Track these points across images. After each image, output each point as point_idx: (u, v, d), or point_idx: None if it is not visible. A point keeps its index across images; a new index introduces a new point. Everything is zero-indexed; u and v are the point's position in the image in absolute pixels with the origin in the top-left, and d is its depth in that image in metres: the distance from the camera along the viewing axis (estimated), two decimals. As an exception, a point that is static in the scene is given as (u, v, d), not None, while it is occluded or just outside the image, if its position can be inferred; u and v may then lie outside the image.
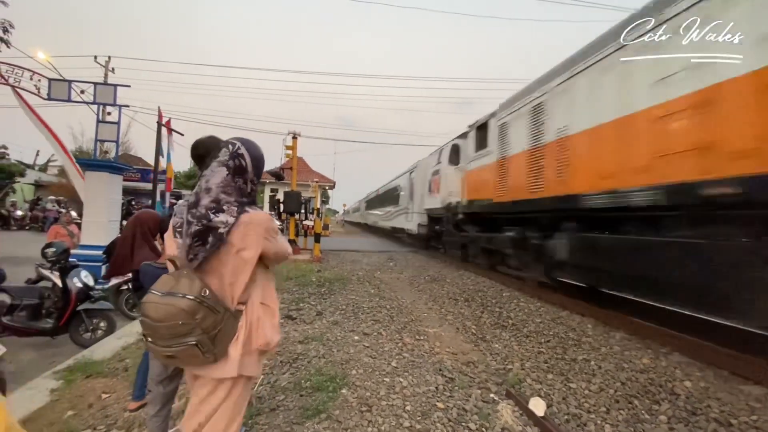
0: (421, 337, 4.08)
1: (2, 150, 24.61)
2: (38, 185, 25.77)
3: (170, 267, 1.38)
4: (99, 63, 20.85)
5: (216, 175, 1.31)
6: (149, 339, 1.24)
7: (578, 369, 3.33)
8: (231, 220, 1.27)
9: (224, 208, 1.28)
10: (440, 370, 3.21)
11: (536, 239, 5.60)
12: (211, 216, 1.25)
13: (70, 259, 4.84)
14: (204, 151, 1.67)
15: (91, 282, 4.72)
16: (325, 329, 4.04)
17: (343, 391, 2.63)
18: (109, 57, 21.26)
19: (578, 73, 4.85)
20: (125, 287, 5.23)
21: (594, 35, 4.49)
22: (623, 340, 3.86)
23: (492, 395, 2.90)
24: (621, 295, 5.59)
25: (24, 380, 3.31)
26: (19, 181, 22.88)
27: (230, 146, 1.36)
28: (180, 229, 1.33)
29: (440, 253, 11.37)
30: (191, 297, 1.19)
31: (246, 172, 1.37)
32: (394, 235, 17.53)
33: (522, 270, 6.53)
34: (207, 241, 1.25)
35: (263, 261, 1.41)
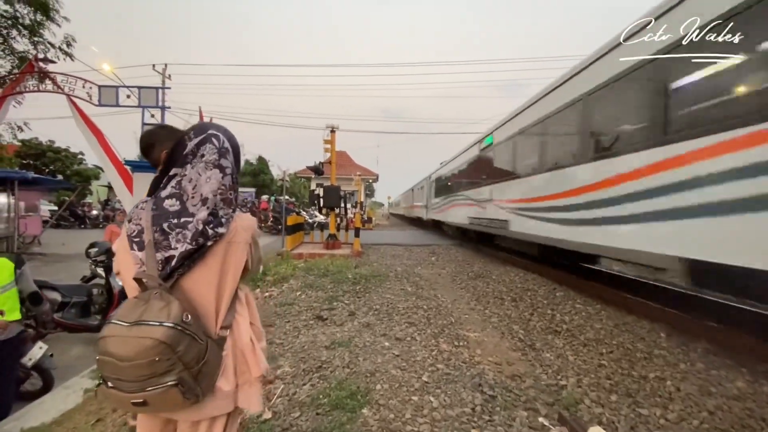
0: (461, 344, 3.69)
1: (80, 156, 27.30)
2: (111, 187, 28.36)
3: (132, 289, 1.07)
4: (157, 71, 22.29)
5: (211, 180, 1.08)
6: (110, 383, 0.96)
7: (650, 390, 2.77)
8: (224, 231, 1.07)
9: (223, 220, 1.07)
10: (479, 385, 2.82)
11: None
12: (210, 232, 1.04)
13: (116, 258, 5.03)
14: (154, 143, 1.39)
15: (133, 280, 4.85)
16: (354, 333, 3.78)
17: (364, 410, 2.34)
18: (166, 65, 22.66)
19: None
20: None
21: None
22: (707, 354, 3.20)
23: (541, 419, 2.46)
24: (700, 295, 4.79)
25: (72, 374, 3.44)
26: (91, 184, 25.29)
27: (215, 140, 1.10)
28: (137, 239, 1.07)
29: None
30: (170, 324, 0.93)
31: (233, 171, 1.15)
32: (438, 228, 18.95)
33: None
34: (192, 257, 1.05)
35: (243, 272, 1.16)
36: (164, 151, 1.37)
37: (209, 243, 1.04)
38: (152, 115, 7.23)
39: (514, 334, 4.07)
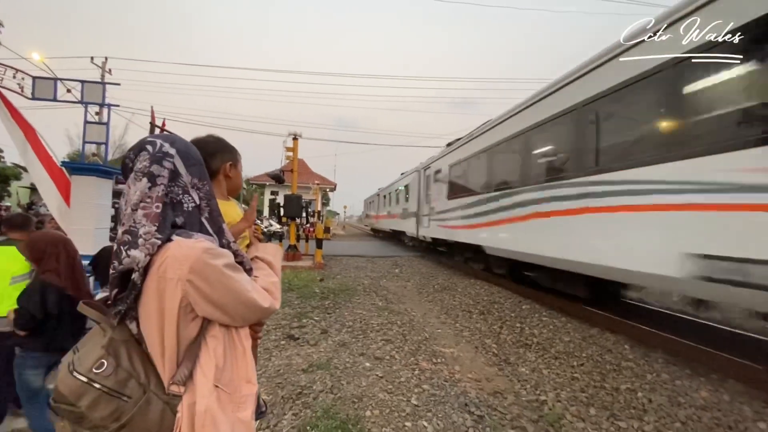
0: (439, 360, 3.65)
1: (-2, 153, 24.18)
2: (34, 189, 25.36)
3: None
4: (95, 64, 20.51)
5: (136, 192, 0.88)
6: None
7: (624, 402, 2.89)
8: (143, 258, 0.83)
9: (140, 241, 0.84)
10: (466, 404, 2.78)
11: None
12: (123, 254, 0.83)
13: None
14: (214, 153, 1.27)
15: (72, 298, 4.28)
16: (331, 352, 3.60)
17: (358, 442, 2.20)
18: (106, 58, 20.93)
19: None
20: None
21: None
22: (668, 365, 3.43)
23: (530, 438, 2.47)
24: (655, 309, 5.19)
25: None
26: (10, 185, 22.49)
27: (149, 146, 0.92)
28: None
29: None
30: (77, 373, 0.80)
31: (179, 177, 0.93)
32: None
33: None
34: (125, 290, 0.86)
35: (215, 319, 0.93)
36: (228, 163, 1.25)
37: (135, 273, 0.84)
38: (97, 113, 6.53)
39: (487, 348, 4.10)
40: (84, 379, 0.79)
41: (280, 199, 10.95)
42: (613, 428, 2.58)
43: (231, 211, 1.28)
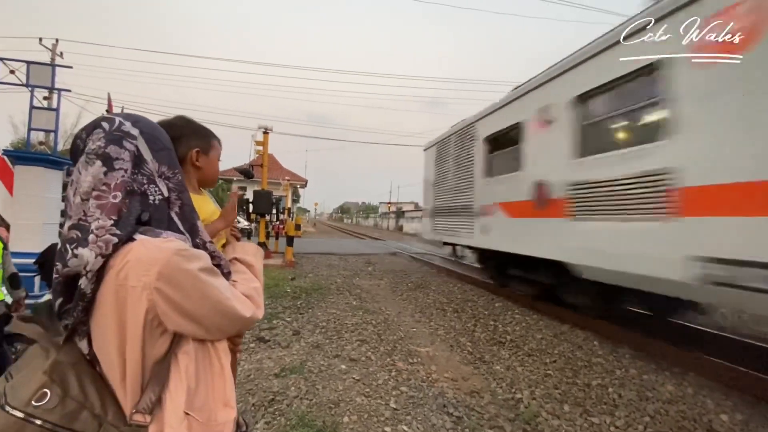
0: (415, 360, 3.60)
1: (-72, 139, 21.88)
2: (-27, 179, 23.20)
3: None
4: (44, 46, 19.02)
5: (87, 177, 0.71)
6: None
7: (595, 398, 2.96)
8: (93, 260, 0.67)
9: (90, 237, 0.68)
10: (444, 405, 2.74)
11: None
12: (69, 254, 0.68)
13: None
14: (178, 138, 1.10)
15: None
16: (305, 355, 3.46)
17: (336, 450, 2.09)
18: (57, 40, 19.44)
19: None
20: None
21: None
22: (634, 360, 3.55)
23: (508, 438, 2.46)
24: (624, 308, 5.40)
25: None
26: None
27: (105, 124, 0.75)
28: None
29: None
30: (11, 407, 0.63)
31: (144, 163, 0.77)
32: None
33: None
34: (72, 300, 0.69)
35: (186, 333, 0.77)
36: (195, 149, 1.10)
37: (83, 278, 0.68)
38: (45, 98, 5.98)
39: (462, 347, 4.11)
40: (20, 414, 0.63)
41: (249, 195, 10.59)
42: (586, 424, 2.62)
43: (204, 206, 1.13)
